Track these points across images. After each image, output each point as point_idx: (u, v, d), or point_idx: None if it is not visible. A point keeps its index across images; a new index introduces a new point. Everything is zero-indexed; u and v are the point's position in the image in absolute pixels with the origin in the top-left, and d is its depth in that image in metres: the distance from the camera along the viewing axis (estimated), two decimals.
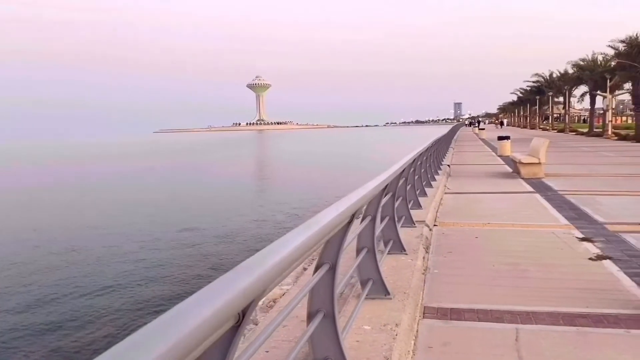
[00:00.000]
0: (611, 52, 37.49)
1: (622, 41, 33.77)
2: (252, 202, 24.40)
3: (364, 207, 4.41)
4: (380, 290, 4.23)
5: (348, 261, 4.32)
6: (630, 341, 3.59)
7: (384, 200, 5.33)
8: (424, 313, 4.24)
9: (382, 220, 5.55)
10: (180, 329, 0.95)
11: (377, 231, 5.10)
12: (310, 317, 2.87)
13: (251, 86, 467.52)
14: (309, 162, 50.08)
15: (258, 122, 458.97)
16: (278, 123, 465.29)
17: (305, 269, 5.80)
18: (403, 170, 6.15)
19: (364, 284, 4.24)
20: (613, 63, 38.06)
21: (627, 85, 39.90)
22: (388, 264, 5.20)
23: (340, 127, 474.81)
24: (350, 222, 2.91)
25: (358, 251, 4.24)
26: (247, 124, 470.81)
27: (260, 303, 5.85)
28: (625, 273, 5.14)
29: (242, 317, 1.39)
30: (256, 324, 4.83)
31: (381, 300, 4.16)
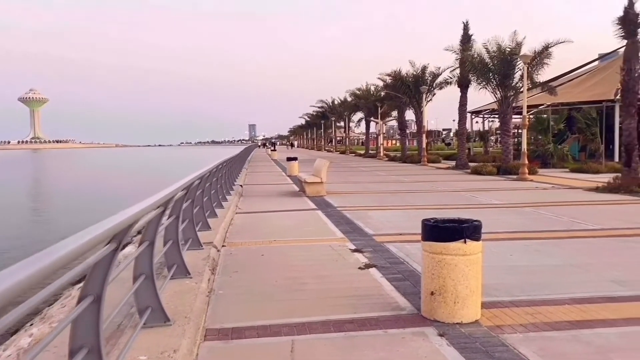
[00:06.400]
0: (381, 83, 42.55)
1: (389, 74, 38.53)
2: None
3: (142, 231, 4.24)
4: (160, 317, 4.08)
5: (129, 290, 4.09)
6: (387, 340, 4.07)
7: (165, 222, 5.20)
8: (205, 336, 4.21)
9: (165, 243, 5.40)
10: None
11: (158, 256, 4.95)
12: (72, 354, 2.64)
13: (24, 100, 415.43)
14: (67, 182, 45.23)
15: (33, 141, 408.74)
16: (57, 141, 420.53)
17: None
18: (187, 192, 6.08)
19: (142, 312, 4.04)
20: (383, 93, 43.20)
21: (395, 113, 45.64)
22: (171, 289, 5.06)
23: (131, 146, 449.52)
24: (117, 249, 2.76)
25: (135, 278, 4.04)
26: (18, 142, 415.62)
27: (25, 345, 5.17)
28: (387, 279, 5.83)
29: None
30: None
31: (160, 327, 4.02)
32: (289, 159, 24.98)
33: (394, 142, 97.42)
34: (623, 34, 16.12)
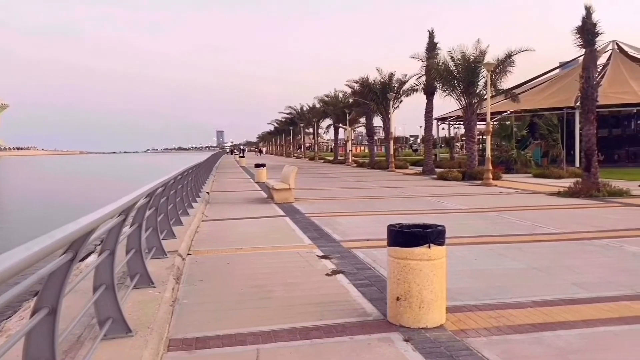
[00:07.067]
0: (349, 90, 42.82)
1: (357, 81, 38.83)
2: None
3: (103, 239, 4.13)
4: (121, 328, 3.98)
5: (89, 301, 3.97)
6: (353, 346, 4.06)
7: (127, 230, 5.09)
8: (168, 346, 4.12)
9: (128, 252, 5.28)
10: None
11: (120, 265, 4.83)
12: None
13: None
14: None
15: None
16: (18, 148, 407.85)
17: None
18: (151, 199, 5.96)
19: (102, 323, 3.94)
20: (351, 100, 43.47)
21: (363, 120, 45.96)
22: (134, 299, 4.94)
23: (96, 153, 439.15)
24: (73, 259, 2.68)
25: (95, 289, 3.93)
26: None
27: None
28: (354, 285, 5.83)
29: None
30: None
31: (122, 338, 3.92)
32: (257, 166, 24.86)
33: (362, 148, 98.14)
34: (581, 43, 16.63)
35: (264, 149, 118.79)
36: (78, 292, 4.60)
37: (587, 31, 16.38)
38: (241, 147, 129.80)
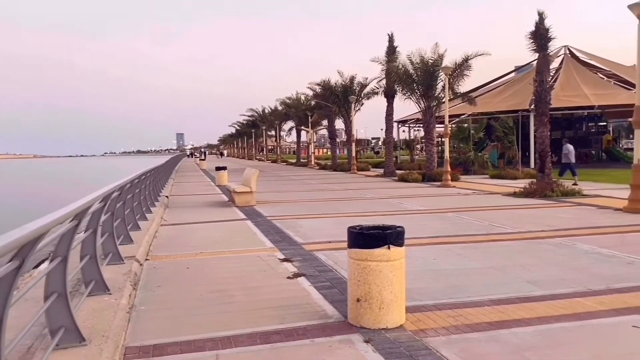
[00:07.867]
0: (311, 92, 42.88)
1: (318, 84, 38.95)
2: None
3: (55, 245, 3.99)
4: (75, 337, 3.86)
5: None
6: (314, 349, 4.04)
7: (81, 235, 4.93)
8: (125, 354, 4.01)
9: (82, 258, 5.12)
10: None
11: (74, 272, 4.68)
12: None
13: None
14: None
15: None
16: None
17: None
18: (106, 204, 5.80)
19: (54, 333, 3.80)
20: (313, 102, 43.55)
21: (325, 122, 46.08)
22: (89, 306, 4.80)
23: (51, 157, 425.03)
24: (19, 267, 2.57)
25: (46, 297, 3.79)
26: None
27: None
28: (315, 287, 5.83)
29: None
30: None
31: (75, 348, 3.79)
32: (218, 169, 24.60)
33: (325, 150, 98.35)
34: (535, 48, 17.15)
35: (225, 152, 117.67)
36: (29, 301, 4.44)
37: (540, 36, 16.90)
38: (202, 149, 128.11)
